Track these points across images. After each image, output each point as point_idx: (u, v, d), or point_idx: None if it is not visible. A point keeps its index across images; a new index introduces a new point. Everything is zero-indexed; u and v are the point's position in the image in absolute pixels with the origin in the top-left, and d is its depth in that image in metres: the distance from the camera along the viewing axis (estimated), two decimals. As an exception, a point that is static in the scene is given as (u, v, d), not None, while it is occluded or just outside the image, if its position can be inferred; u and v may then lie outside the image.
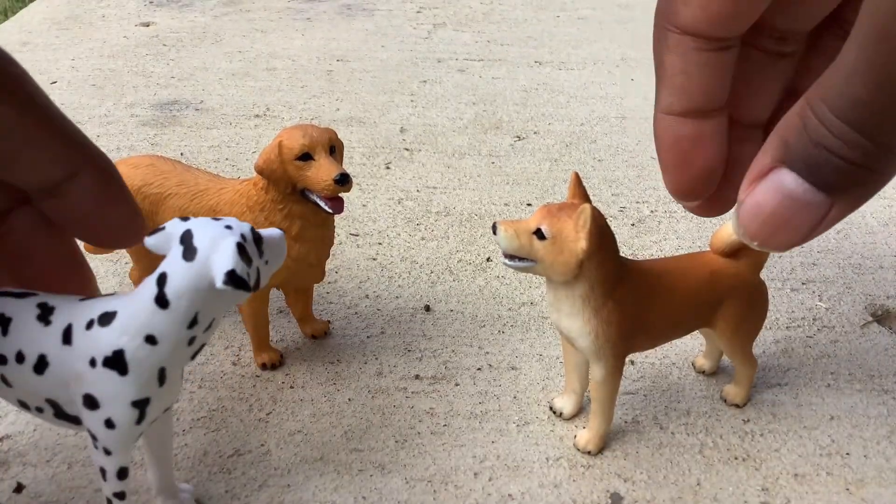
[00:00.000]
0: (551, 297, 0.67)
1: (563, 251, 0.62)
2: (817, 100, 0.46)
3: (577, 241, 0.61)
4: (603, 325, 0.65)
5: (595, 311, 0.65)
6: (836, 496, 0.70)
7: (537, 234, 0.62)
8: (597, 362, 0.68)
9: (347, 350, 0.87)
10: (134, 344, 0.55)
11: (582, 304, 0.65)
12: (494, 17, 1.97)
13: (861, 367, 0.85)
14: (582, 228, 0.61)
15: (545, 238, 0.62)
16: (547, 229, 0.62)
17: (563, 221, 0.62)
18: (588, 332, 0.66)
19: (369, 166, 1.26)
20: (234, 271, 0.53)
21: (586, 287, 0.64)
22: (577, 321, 0.66)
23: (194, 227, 0.56)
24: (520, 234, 0.63)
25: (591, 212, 0.60)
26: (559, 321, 0.68)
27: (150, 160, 0.84)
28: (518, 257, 0.64)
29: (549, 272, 0.64)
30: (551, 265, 0.63)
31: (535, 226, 0.62)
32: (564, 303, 0.66)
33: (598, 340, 0.66)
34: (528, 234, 0.63)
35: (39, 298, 0.59)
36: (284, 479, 0.71)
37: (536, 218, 0.63)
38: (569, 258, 0.62)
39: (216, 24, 1.89)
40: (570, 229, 0.62)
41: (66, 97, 1.48)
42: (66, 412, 0.59)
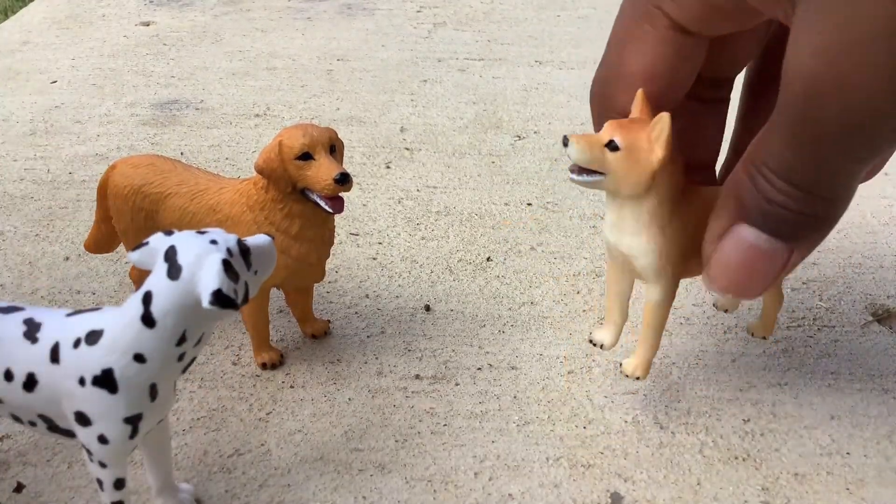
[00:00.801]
0: (613, 217, 0.65)
1: (637, 161, 0.60)
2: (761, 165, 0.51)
3: (651, 151, 0.60)
4: (667, 244, 0.64)
5: (661, 227, 0.64)
6: (837, 496, 0.70)
7: (610, 145, 0.61)
8: (655, 283, 0.67)
9: (347, 350, 0.87)
10: (122, 362, 0.55)
11: (649, 219, 0.63)
12: (495, 16, 1.97)
13: (861, 366, 0.85)
14: (657, 138, 0.60)
15: (618, 149, 0.61)
16: (620, 140, 0.60)
17: (635, 132, 0.60)
18: (652, 250, 0.64)
19: (369, 166, 1.26)
20: (220, 291, 0.52)
21: (654, 202, 0.63)
22: (640, 238, 0.64)
23: (178, 242, 0.55)
24: (592, 145, 0.61)
25: (670, 120, 0.59)
26: (620, 240, 0.66)
27: (150, 159, 0.84)
28: (587, 171, 0.62)
29: (620, 184, 0.62)
30: (624, 177, 0.61)
31: (608, 137, 0.61)
32: (629, 219, 0.64)
33: (660, 259, 0.65)
34: (601, 147, 0.61)
35: (25, 314, 0.59)
36: (284, 479, 0.71)
37: (608, 130, 0.61)
38: (643, 168, 0.61)
39: (216, 23, 1.89)
40: (643, 140, 0.60)
41: (66, 97, 1.48)
42: (60, 426, 0.59)
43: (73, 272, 0.99)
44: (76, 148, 1.30)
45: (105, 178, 0.85)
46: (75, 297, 0.94)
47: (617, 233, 0.66)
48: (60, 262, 1.01)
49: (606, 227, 0.67)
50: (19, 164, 1.25)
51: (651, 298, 0.68)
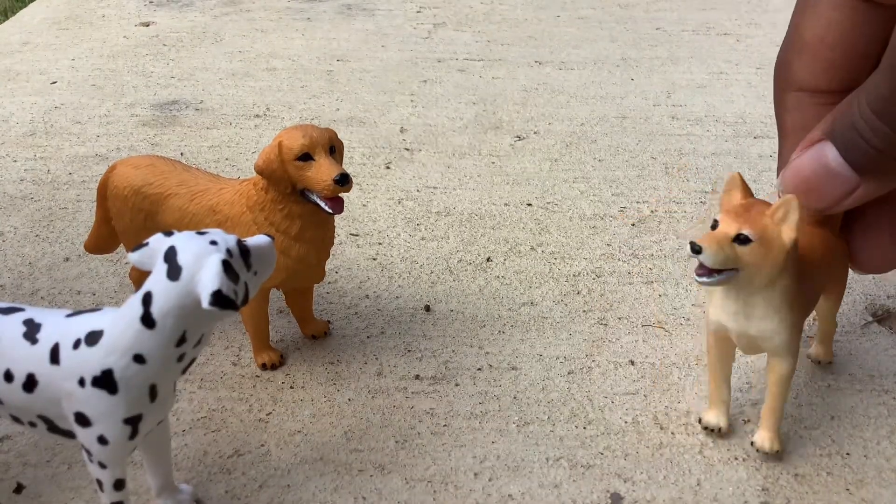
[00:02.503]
0: (737, 306, 0.64)
1: (770, 250, 0.59)
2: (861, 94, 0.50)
3: (780, 235, 0.59)
4: (796, 316, 0.64)
5: (791, 305, 0.63)
6: (836, 496, 0.70)
7: (738, 240, 0.59)
8: (785, 357, 0.66)
9: (347, 350, 0.87)
10: (122, 363, 0.54)
11: (780, 301, 0.63)
12: (495, 16, 1.97)
13: (861, 367, 0.85)
14: (784, 220, 0.59)
15: (749, 242, 0.59)
16: (751, 231, 0.59)
17: (760, 220, 0.59)
18: (785, 329, 0.64)
19: (369, 166, 1.26)
20: (220, 291, 0.52)
21: (787, 281, 0.62)
22: (773, 321, 0.63)
23: (178, 243, 0.55)
24: (723, 245, 0.59)
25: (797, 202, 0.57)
26: (747, 328, 0.65)
27: (150, 160, 0.84)
28: (718, 271, 0.60)
29: (755, 276, 0.61)
30: (758, 268, 0.60)
31: (735, 231, 0.59)
32: (759, 307, 0.63)
33: (792, 333, 0.64)
34: (730, 243, 0.59)
35: (25, 314, 0.59)
36: (284, 480, 0.71)
37: (729, 225, 0.59)
38: (777, 255, 0.60)
39: (216, 24, 1.89)
40: (770, 226, 0.59)
41: (66, 97, 1.48)
42: (59, 427, 0.59)
43: (73, 273, 0.99)
44: (76, 149, 1.30)
45: (105, 178, 0.85)
46: (75, 297, 0.94)
47: (743, 321, 0.65)
48: (60, 263, 1.01)
49: (724, 315, 0.66)
50: (19, 165, 1.25)
51: (782, 372, 0.68)
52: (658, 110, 1.45)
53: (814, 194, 0.58)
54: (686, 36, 1.82)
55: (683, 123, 1.40)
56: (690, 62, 1.67)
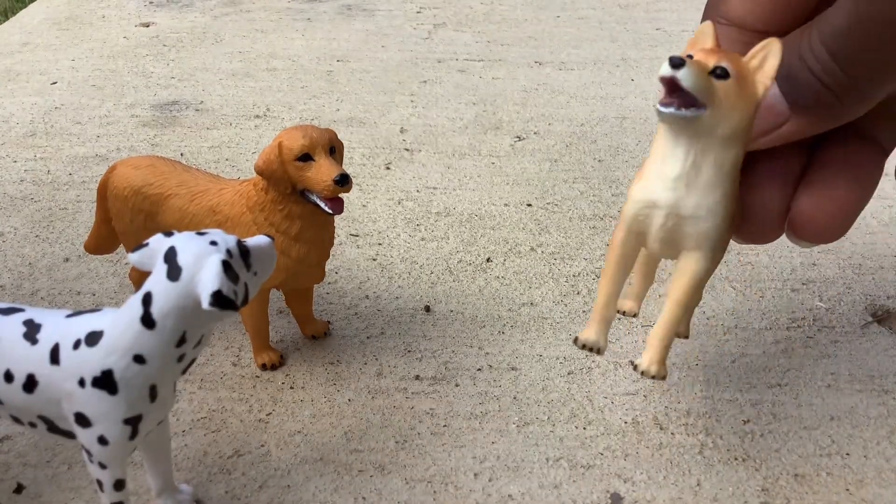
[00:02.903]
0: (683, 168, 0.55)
1: (744, 95, 0.52)
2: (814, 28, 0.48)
3: (756, 83, 0.52)
4: (735, 202, 0.56)
5: (734, 182, 0.55)
6: (836, 497, 0.70)
7: (716, 73, 0.52)
8: (708, 251, 0.56)
9: (347, 350, 0.87)
10: (122, 364, 0.55)
11: (731, 168, 0.54)
12: (495, 17, 1.97)
13: (861, 367, 0.85)
14: (762, 66, 0.52)
15: (727, 77, 0.52)
16: (729, 66, 0.52)
17: (737, 60, 0.53)
18: (724, 207, 0.55)
19: (369, 167, 1.26)
20: (220, 292, 0.52)
21: (741, 147, 0.54)
22: (716, 193, 0.54)
23: (178, 243, 0.55)
24: (703, 70, 0.52)
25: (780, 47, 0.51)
26: (683, 202, 0.55)
27: (150, 161, 0.84)
28: (686, 104, 0.52)
29: (722, 120, 0.53)
30: (729, 110, 0.52)
31: (713, 64, 0.52)
32: (706, 171, 0.54)
33: (727, 220, 0.55)
34: (707, 74, 0.52)
35: (25, 315, 0.59)
36: (284, 480, 0.71)
37: (707, 57, 0.53)
38: (749, 101, 0.52)
39: (216, 24, 1.90)
40: (745, 68, 0.53)
41: (66, 97, 1.48)
42: (60, 427, 0.59)
43: (73, 273, 0.99)
44: (76, 149, 1.30)
45: (105, 179, 0.85)
46: (75, 298, 0.94)
47: (682, 189, 0.55)
48: (60, 264, 1.01)
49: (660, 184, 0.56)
50: (19, 166, 1.25)
51: (696, 269, 0.57)
52: (658, 110, 1.45)
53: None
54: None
55: (683, 124, 1.40)
56: (690, 62, 1.66)
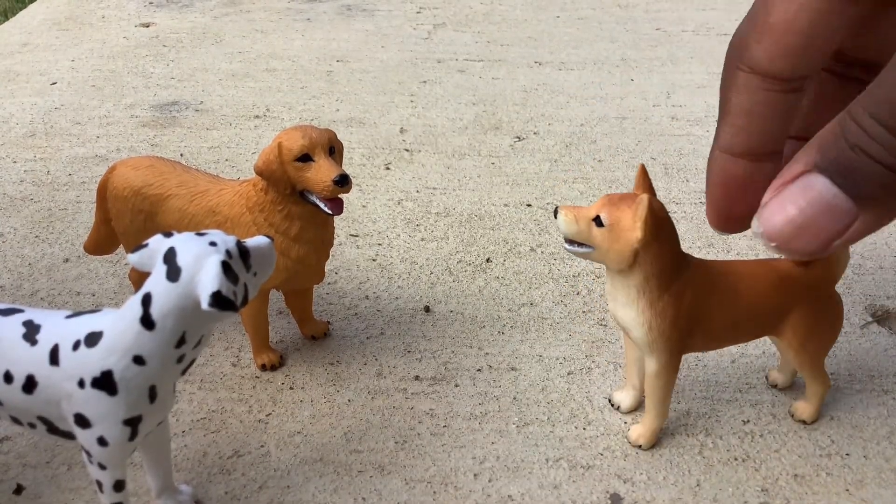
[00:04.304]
0: (609, 286, 0.68)
1: (618, 240, 0.63)
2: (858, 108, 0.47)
3: (633, 230, 0.63)
4: (657, 318, 0.66)
5: (650, 302, 0.66)
6: (836, 497, 0.70)
7: (596, 221, 0.64)
8: (650, 355, 0.69)
9: (347, 351, 0.87)
10: (122, 364, 0.54)
11: (637, 294, 0.66)
12: (494, 17, 1.97)
13: (861, 367, 0.85)
14: (639, 218, 0.62)
15: (603, 225, 0.64)
16: (605, 217, 0.63)
17: (621, 211, 0.63)
18: (641, 324, 0.67)
19: (369, 167, 1.26)
20: (219, 293, 0.52)
21: (641, 278, 0.65)
22: (631, 311, 0.67)
23: (178, 244, 0.55)
24: (579, 219, 0.64)
25: (649, 203, 0.61)
26: (615, 310, 0.69)
27: (149, 161, 0.84)
28: (577, 243, 0.65)
29: (606, 259, 0.65)
30: (607, 252, 0.64)
31: (595, 213, 0.64)
32: (620, 292, 0.67)
33: (651, 333, 0.67)
34: (588, 221, 0.64)
35: (25, 316, 0.59)
36: (284, 481, 0.71)
37: (597, 206, 0.64)
38: (624, 247, 0.63)
39: (216, 24, 1.90)
40: (627, 219, 0.63)
41: (66, 98, 1.48)
42: (59, 428, 0.59)
43: (72, 274, 0.99)
44: (76, 149, 1.30)
45: (104, 179, 0.85)
46: (75, 298, 0.94)
47: (612, 302, 0.69)
48: (60, 264, 1.01)
49: (606, 294, 0.70)
50: (19, 166, 1.25)
51: (648, 370, 0.70)
52: (658, 111, 1.45)
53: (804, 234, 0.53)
54: (686, 36, 1.82)
55: (683, 124, 1.40)
56: (690, 62, 1.67)
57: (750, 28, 0.61)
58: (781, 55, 0.59)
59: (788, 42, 0.59)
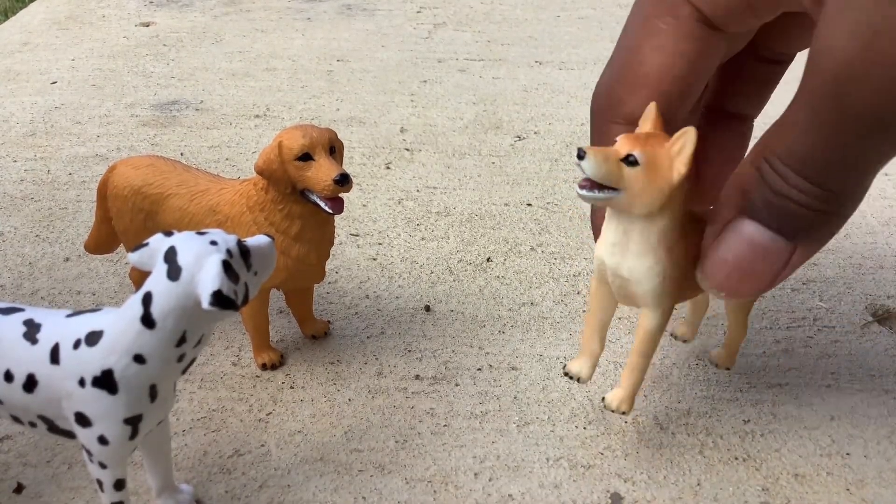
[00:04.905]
0: (616, 237, 0.61)
1: (657, 178, 0.57)
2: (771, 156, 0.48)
3: (671, 167, 0.57)
4: (672, 266, 0.61)
5: (668, 249, 0.60)
6: (837, 496, 0.70)
7: (627, 160, 0.57)
8: (655, 308, 0.63)
9: (347, 350, 0.87)
10: (122, 363, 0.55)
11: (657, 240, 0.60)
12: (495, 16, 1.97)
13: (861, 367, 0.85)
14: (679, 154, 0.57)
15: (637, 164, 0.57)
16: (640, 154, 0.57)
17: (655, 147, 0.57)
18: (658, 273, 0.61)
19: (369, 166, 1.26)
20: (220, 292, 0.52)
21: (667, 221, 0.59)
22: (646, 260, 0.60)
23: (178, 243, 0.55)
24: (609, 159, 0.57)
25: (695, 136, 0.56)
26: (621, 263, 0.62)
27: (150, 160, 0.84)
28: (599, 187, 0.58)
29: (636, 202, 0.58)
30: (640, 194, 0.57)
31: (627, 151, 0.57)
32: (636, 240, 0.60)
33: (664, 282, 0.61)
34: (617, 161, 0.57)
35: (25, 315, 0.59)
36: (284, 480, 0.71)
37: (623, 145, 0.58)
38: (663, 185, 0.57)
39: (216, 24, 1.89)
40: (664, 155, 0.57)
41: (66, 97, 1.48)
42: (60, 427, 0.59)
43: (73, 273, 0.99)
44: (76, 149, 1.30)
45: (105, 178, 0.85)
46: (75, 297, 0.94)
47: (619, 254, 0.62)
48: (60, 263, 1.01)
49: (604, 248, 0.63)
50: (19, 165, 1.25)
51: (647, 325, 0.65)
52: (658, 110, 1.45)
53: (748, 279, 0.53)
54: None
55: (683, 123, 1.40)
56: (690, 62, 1.66)
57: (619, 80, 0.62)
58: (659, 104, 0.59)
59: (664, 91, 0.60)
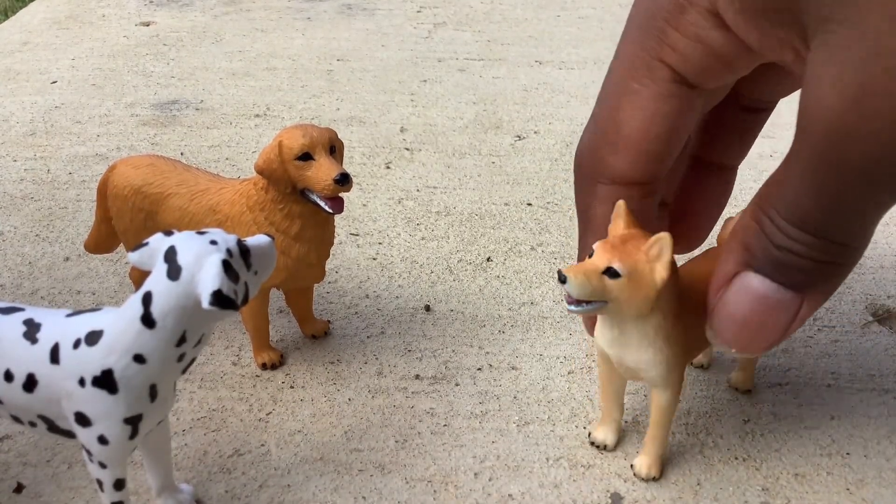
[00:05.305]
0: (614, 334, 0.64)
1: (640, 286, 0.58)
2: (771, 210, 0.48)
3: (653, 272, 0.58)
4: (674, 351, 0.63)
5: (666, 339, 0.62)
6: (837, 496, 0.70)
7: (608, 273, 0.58)
8: (664, 388, 0.66)
9: (347, 350, 0.87)
10: (122, 363, 0.54)
11: (654, 334, 0.62)
12: (495, 16, 1.97)
13: (861, 366, 0.85)
14: (658, 258, 0.58)
15: (619, 276, 0.58)
16: (621, 267, 0.58)
17: (633, 255, 0.58)
18: (660, 362, 0.63)
19: (369, 166, 1.26)
20: (220, 291, 0.52)
21: (660, 317, 0.61)
22: (648, 353, 0.63)
23: (178, 242, 0.55)
24: (590, 277, 0.58)
25: (670, 240, 0.57)
26: (624, 356, 0.64)
27: (150, 160, 0.84)
28: (586, 301, 0.59)
29: (624, 310, 0.60)
30: (627, 302, 0.59)
31: (606, 264, 0.58)
32: (633, 337, 0.63)
33: (669, 366, 0.64)
34: (598, 275, 0.58)
35: (25, 314, 0.59)
36: (284, 480, 0.71)
37: (602, 256, 0.59)
38: (647, 292, 0.59)
39: (216, 23, 1.89)
40: (643, 261, 0.58)
41: (66, 97, 1.48)
42: (60, 427, 0.59)
43: (72, 272, 0.99)
44: (76, 148, 1.30)
45: (105, 178, 0.85)
46: (75, 297, 0.94)
47: (619, 348, 0.64)
48: (60, 263, 1.01)
49: (603, 340, 0.65)
50: (19, 165, 1.25)
51: (661, 402, 0.67)
52: (658, 110, 1.45)
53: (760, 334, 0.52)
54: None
55: (684, 123, 1.40)
56: (691, 62, 1.66)
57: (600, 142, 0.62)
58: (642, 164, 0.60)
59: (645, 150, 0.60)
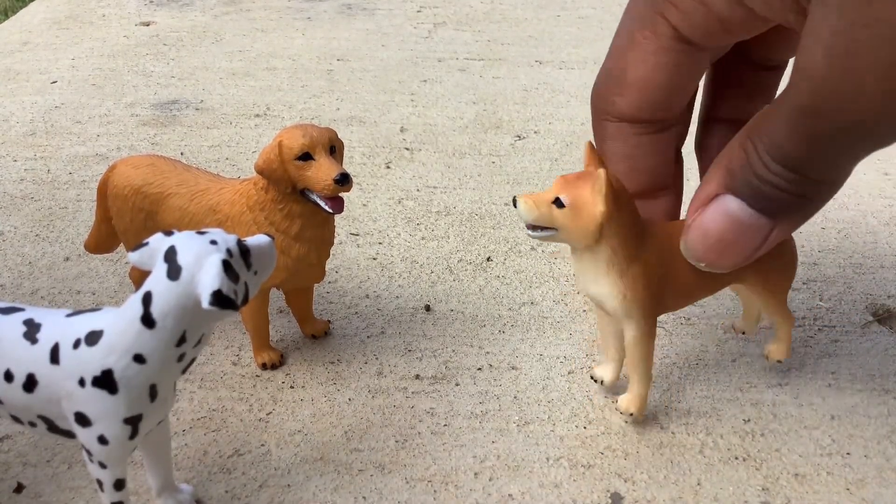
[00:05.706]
0: (577, 267, 0.69)
1: (581, 217, 0.64)
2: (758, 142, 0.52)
3: (594, 205, 0.63)
4: (630, 287, 0.67)
5: (620, 273, 0.67)
6: (837, 496, 0.70)
7: (556, 202, 0.64)
8: (628, 323, 0.70)
9: (348, 350, 0.87)
10: (122, 363, 0.54)
11: (607, 267, 0.67)
12: (495, 16, 1.97)
13: (862, 366, 0.85)
14: (598, 193, 0.63)
15: (564, 206, 0.64)
16: (565, 198, 0.64)
17: (579, 188, 0.64)
18: (615, 294, 0.67)
19: (369, 166, 1.26)
20: (220, 291, 0.52)
21: (608, 251, 0.66)
22: (603, 285, 0.68)
23: (178, 242, 0.55)
24: (539, 204, 0.65)
25: (606, 176, 0.62)
26: (587, 288, 0.69)
27: (150, 160, 0.84)
28: (540, 227, 0.66)
29: (571, 238, 0.66)
30: (572, 231, 0.65)
31: (554, 195, 0.64)
32: (590, 269, 0.68)
33: (626, 301, 0.68)
34: (548, 204, 0.64)
35: (25, 314, 0.59)
36: (284, 479, 0.71)
37: (555, 188, 0.65)
38: (588, 223, 0.64)
39: (216, 23, 1.89)
40: (587, 195, 0.63)
41: (66, 97, 1.48)
42: (59, 427, 0.59)
43: (73, 272, 0.99)
44: (76, 148, 1.30)
45: (105, 178, 0.85)
46: (75, 297, 0.94)
47: (583, 281, 0.69)
48: (60, 263, 1.01)
49: (575, 277, 0.71)
50: (19, 165, 1.25)
51: (628, 337, 0.71)
52: (658, 110, 1.45)
53: (730, 250, 0.58)
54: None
55: (684, 123, 1.40)
56: (691, 62, 1.66)
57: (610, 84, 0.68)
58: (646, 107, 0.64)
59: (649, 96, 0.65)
